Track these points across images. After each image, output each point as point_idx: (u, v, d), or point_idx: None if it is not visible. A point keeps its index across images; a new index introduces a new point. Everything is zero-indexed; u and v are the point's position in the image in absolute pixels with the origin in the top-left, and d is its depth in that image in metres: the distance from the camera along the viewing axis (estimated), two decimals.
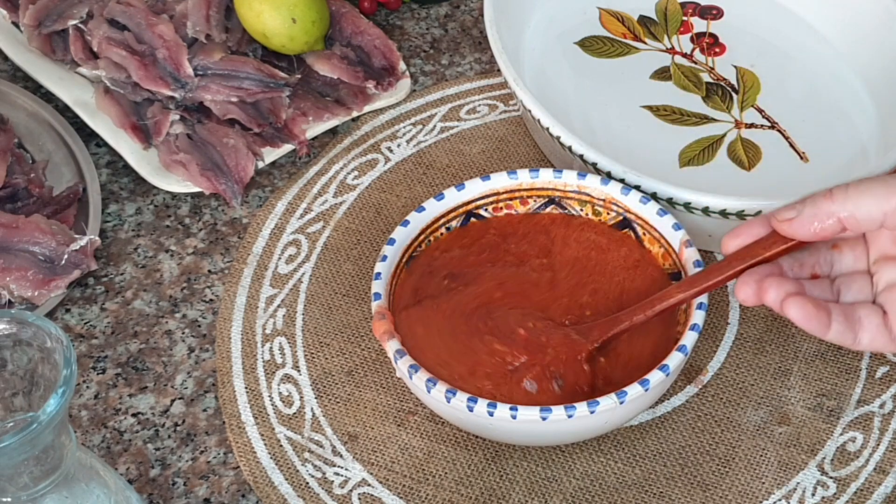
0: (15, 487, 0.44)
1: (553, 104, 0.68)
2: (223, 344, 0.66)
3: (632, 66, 0.76)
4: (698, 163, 0.70)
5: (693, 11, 0.80)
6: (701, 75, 0.76)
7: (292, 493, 0.59)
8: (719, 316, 0.66)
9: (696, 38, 0.78)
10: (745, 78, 0.76)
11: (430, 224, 0.63)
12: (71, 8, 0.79)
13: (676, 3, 0.80)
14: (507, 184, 0.64)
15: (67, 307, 0.68)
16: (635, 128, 0.72)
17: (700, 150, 0.71)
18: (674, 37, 0.78)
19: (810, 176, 0.70)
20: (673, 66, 0.76)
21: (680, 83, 0.75)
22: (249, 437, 0.62)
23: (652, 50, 0.77)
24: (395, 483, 0.59)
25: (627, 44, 0.77)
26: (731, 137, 0.72)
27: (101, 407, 0.64)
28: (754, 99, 0.74)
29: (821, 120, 0.73)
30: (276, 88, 0.76)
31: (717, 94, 0.74)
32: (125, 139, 0.74)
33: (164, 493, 0.60)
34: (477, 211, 0.65)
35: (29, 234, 0.68)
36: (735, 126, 0.73)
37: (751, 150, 0.71)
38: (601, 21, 0.79)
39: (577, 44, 0.77)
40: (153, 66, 0.75)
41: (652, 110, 0.73)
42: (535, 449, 0.60)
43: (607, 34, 0.78)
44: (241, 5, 0.76)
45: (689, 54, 0.77)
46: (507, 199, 0.65)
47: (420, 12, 0.86)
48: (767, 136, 0.72)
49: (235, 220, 0.73)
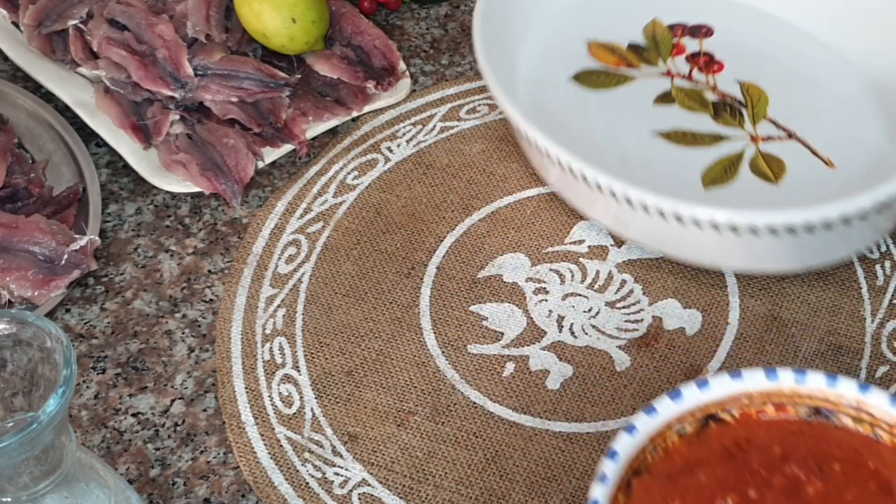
0: (15, 487, 0.44)
1: (562, 143, 0.64)
2: (223, 344, 0.66)
3: (633, 95, 0.73)
4: (723, 182, 0.68)
5: (683, 32, 0.77)
6: (705, 95, 0.73)
7: (292, 493, 0.59)
8: (719, 316, 0.66)
9: (692, 58, 0.76)
10: (751, 91, 0.74)
11: (662, 429, 0.49)
12: (71, 8, 0.79)
13: (663, 26, 0.78)
14: (764, 386, 0.50)
15: (67, 307, 0.68)
16: (651, 155, 0.70)
17: (722, 170, 0.69)
18: (668, 60, 0.76)
19: (838, 181, 0.68)
20: (674, 89, 0.74)
21: (685, 105, 0.73)
22: (249, 437, 0.62)
23: (649, 76, 0.75)
24: (395, 483, 0.59)
25: (623, 73, 0.75)
26: (751, 153, 0.70)
27: (101, 407, 0.64)
28: (765, 111, 0.73)
29: (836, 123, 0.72)
30: (276, 88, 0.76)
31: (725, 112, 0.72)
32: (125, 139, 0.74)
33: (164, 493, 0.60)
34: (719, 415, 0.50)
35: (29, 234, 0.68)
36: (752, 141, 0.71)
37: (774, 164, 0.69)
38: (591, 53, 0.76)
39: (573, 79, 0.74)
40: (153, 66, 0.75)
41: (664, 136, 0.71)
42: (535, 449, 0.60)
43: (601, 65, 0.75)
44: (241, 5, 0.76)
45: (688, 75, 0.75)
46: (761, 403, 0.50)
47: (420, 12, 0.86)
48: (787, 147, 0.70)
49: (235, 220, 0.73)
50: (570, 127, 0.71)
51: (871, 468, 0.47)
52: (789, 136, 0.71)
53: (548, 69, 0.74)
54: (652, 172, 0.69)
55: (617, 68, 0.75)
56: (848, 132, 0.71)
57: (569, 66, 0.75)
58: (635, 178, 0.65)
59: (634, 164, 0.70)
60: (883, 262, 0.68)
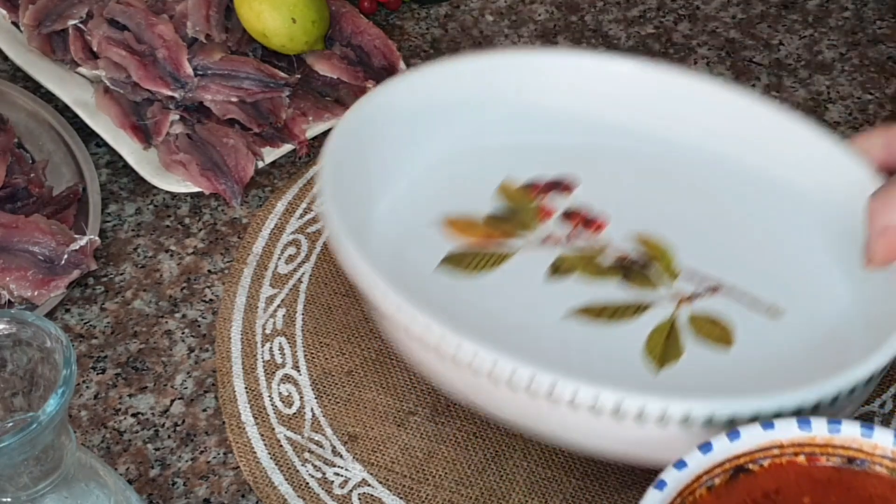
0: (15, 487, 0.44)
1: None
2: (223, 344, 0.66)
3: (520, 273, 0.61)
4: (673, 359, 0.57)
5: (541, 191, 0.65)
6: (600, 258, 0.62)
7: (292, 494, 0.59)
8: None
9: (566, 219, 0.64)
10: (648, 243, 0.62)
11: (691, 483, 0.46)
12: (71, 8, 0.79)
13: (512, 188, 0.65)
14: (796, 435, 0.47)
15: (67, 307, 0.68)
16: (575, 342, 0.58)
17: (663, 343, 0.58)
18: (540, 225, 0.64)
19: (794, 326, 0.58)
20: (562, 258, 0.62)
21: (584, 274, 0.61)
22: (249, 437, 0.62)
23: (528, 246, 0.63)
24: (395, 483, 0.59)
25: (496, 249, 0.62)
26: (685, 316, 0.59)
27: (101, 407, 0.64)
28: (675, 264, 0.61)
29: (759, 255, 0.62)
30: (276, 88, 0.76)
31: (633, 273, 0.61)
32: (125, 139, 0.74)
33: (164, 493, 0.60)
34: (748, 466, 0.47)
35: (29, 234, 0.68)
36: (679, 301, 0.60)
37: (716, 323, 0.59)
38: (449, 233, 0.63)
39: (441, 267, 0.61)
40: (153, 66, 0.75)
41: (580, 315, 0.59)
42: (535, 449, 0.60)
43: (469, 244, 0.62)
44: (241, 5, 0.76)
45: (571, 237, 0.63)
46: (793, 453, 0.48)
47: (420, 12, 0.86)
48: (721, 300, 0.60)
49: (235, 220, 0.73)
50: (461, 327, 0.55)
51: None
52: (715, 288, 0.60)
53: (412, 263, 0.62)
54: (585, 362, 0.57)
55: (487, 244, 0.63)
56: (778, 264, 0.62)
57: (433, 253, 0.62)
58: (566, 374, 0.52)
59: (556, 355, 0.57)
60: None
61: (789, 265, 0.61)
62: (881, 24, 0.82)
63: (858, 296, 0.58)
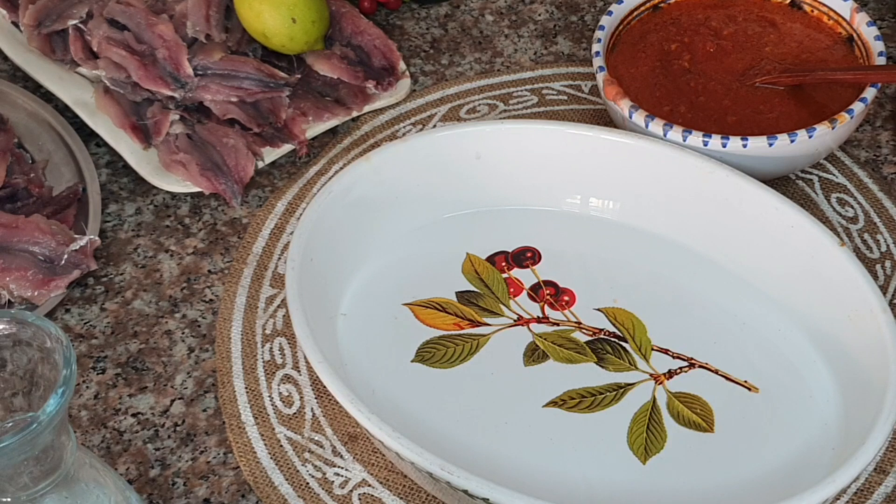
0: (15, 487, 0.44)
1: (431, 447, 0.53)
2: (223, 344, 0.66)
3: (497, 360, 0.61)
4: (657, 449, 0.58)
5: (506, 262, 0.65)
6: (573, 336, 0.62)
7: (292, 494, 0.59)
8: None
9: (535, 295, 0.64)
10: (619, 318, 0.63)
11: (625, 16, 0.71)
12: (71, 8, 0.79)
13: (480, 262, 0.65)
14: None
15: (67, 307, 0.68)
16: (557, 436, 0.58)
17: (645, 432, 0.58)
18: (510, 303, 0.63)
19: (770, 404, 0.59)
20: (536, 339, 0.62)
21: (560, 357, 0.61)
22: (249, 437, 0.61)
23: (500, 329, 0.62)
24: (396, 483, 0.59)
25: (469, 335, 0.62)
26: (664, 398, 0.59)
27: (101, 407, 0.64)
28: (646, 339, 0.62)
29: (732, 334, 0.62)
30: (276, 88, 0.76)
31: (608, 353, 0.61)
32: (125, 139, 0.74)
33: (164, 493, 0.60)
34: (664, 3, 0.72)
35: (29, 234, 0.68)
36: (656, 381, 0.60)
37: (695, 404, 0.59)
38: (419, 320, 0.63)
39: (414, 361, 0.62)
40: (153, 66, 0.75)
41: (558, 405, 0.59)
42: None
43: (439, 333, 0.63)
44: (241, 5, 0.76)
45: (543, 317, 0.63)
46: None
47: (420, 12, 0.86)
48: (698, 378, 0.60)
49: (235, 220, 0.73)
50: (432, 425, 0.59)
51: (765, 16, 0.72)
52: (690, 364, 0.61)
53: (380, 355, 0.62)
54: (571, 458, 0.58)
55: (460, 332, 0.63)
56: (751, 342, 0.62)
57: (406, 346, 0.62)
58: (548, 471, 0.56)
59: (538, 448, 0.58)
60: (883, 261, 0.68)
61: (758, 339, 0.62)
62: (881, 24, 0.82)
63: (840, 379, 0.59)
